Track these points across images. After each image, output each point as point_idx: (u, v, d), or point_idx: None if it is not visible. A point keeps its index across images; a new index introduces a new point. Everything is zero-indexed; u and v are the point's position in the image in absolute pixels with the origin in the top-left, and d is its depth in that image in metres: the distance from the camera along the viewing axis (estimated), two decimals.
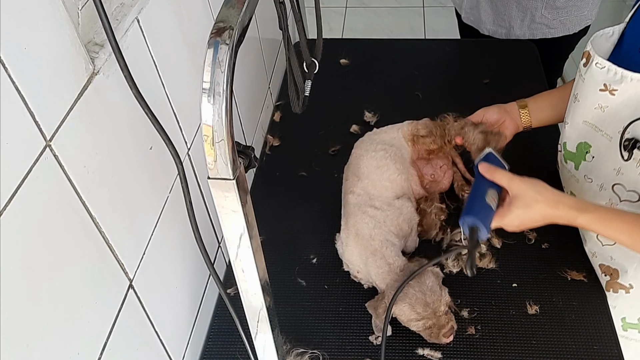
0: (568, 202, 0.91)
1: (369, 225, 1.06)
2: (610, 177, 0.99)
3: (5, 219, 0.56)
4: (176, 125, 0.96)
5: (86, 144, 0.70)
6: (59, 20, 0.64)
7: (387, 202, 1.10)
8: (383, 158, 1.13)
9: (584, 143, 1.03)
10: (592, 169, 1.03)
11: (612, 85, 0.93)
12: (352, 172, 1.15)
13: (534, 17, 1.64)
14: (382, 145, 1.16)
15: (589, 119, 1.00)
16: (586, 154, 1.03)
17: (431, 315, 0.96)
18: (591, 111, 0.99)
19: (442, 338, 0.97)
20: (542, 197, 0.91)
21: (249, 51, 1.37)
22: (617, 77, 0.92)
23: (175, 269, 0.97)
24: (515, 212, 0.91)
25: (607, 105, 0.95)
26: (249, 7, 0.57)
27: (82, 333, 0.70)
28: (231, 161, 0.58)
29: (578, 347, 0.99)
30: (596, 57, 0.95)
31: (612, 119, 0.95)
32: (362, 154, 1.16)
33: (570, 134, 1.06)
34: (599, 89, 0.95)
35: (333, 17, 3.58)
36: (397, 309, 0.97)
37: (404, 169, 1.15)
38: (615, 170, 0.97)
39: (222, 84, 0.54)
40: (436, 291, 0.97)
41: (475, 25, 1.77)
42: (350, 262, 1.09)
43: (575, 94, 1.02)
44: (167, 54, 0.91)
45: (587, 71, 0.97)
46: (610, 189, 1.00)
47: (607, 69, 0.93)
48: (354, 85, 1.57)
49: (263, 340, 0.79)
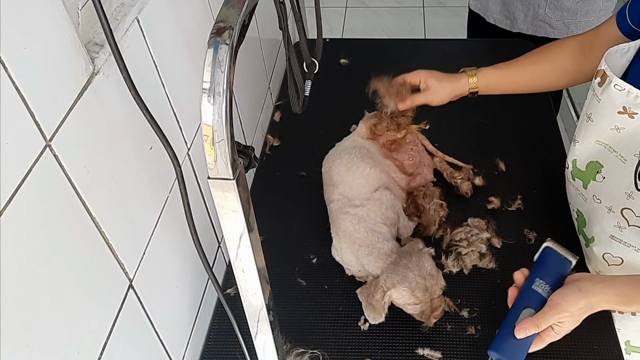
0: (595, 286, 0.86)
1: (352, 222, 1.08)
2: (621, 201, 0.96)
3: (5, 219, 0.56)
4: (176, 125, 0.96)
5: (86, 144, 0.70)
6: (59, 20, 0.64)
7: (365, 197, 1.11)
8: (349, 160, 1.16)
9: (595, 162, 1.00)
10: (601, 190, 1.00)
11: (632, 109, 0.90)
12: (327, 184, 1.18)
13: (537, 13, 1.64)
14: (346, 150, 1.19)
15: (602, 139, 0.97)
16: (597, 173, 1.00)
17: (428, 299, 0.97)
18: (606, 132, 0.95)
19: (432, 319, 0.99)
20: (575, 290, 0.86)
21: (249, 51, 1.37)
22: (639, 100, 0.88)
23: (175, 269, 0.97)
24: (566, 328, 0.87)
25: (624, 127, 0.92)
26: (248, 7, 0.57)
27: (82, 333, 0.70)
28: (231, 161, 0.58)
29: (578, 347, 0.99)
30: (615, 78, 0.91)
31: (629, 141, 0.92)
32: (330, 165, 1.19)
33: (580, 152, 1.03)
34: (617, 112, 0.91)
35: (333, 17, 3.57)
36: (396, 293, 0.97)
37: (375, 162, 1.16)
38: (627, 194, 0.95)
39: (222, 84, 0.54)
40: (434, 275, 0.98)
41: (482, 12, 1.78)
42: (349, 264, 1.10)
43: (589, 113, 0.98)
44: (167, 54, 0.91)
45: (603, 92, 0.93)
46: (619, 213, 0.97)
47: (628, 92, 0.89)
48: (354, 85, 1.57)
49: (263, 340, 0.79)
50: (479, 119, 1.42)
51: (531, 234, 1.15)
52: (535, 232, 1.15)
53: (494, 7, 1.73)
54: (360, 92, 1.57)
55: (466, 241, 1.13)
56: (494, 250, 1.13)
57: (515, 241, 1.14)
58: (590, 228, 1.06)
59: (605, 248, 1.03)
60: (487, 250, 1.12)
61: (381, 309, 0.98)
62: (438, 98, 1.15)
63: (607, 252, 1.03)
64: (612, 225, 1.00)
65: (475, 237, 1.13)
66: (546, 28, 1.66)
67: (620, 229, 0.99)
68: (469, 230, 1.14)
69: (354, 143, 1.22)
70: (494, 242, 1.14)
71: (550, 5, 1.62)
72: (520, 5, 1.66)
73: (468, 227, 1.15)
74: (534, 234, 1.15)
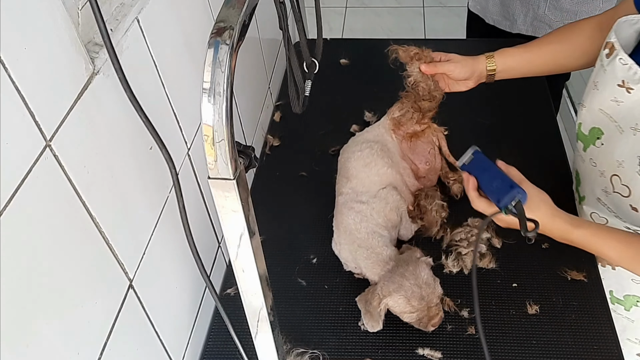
0: (564, 217, 0.95)
1: (355, 219, 1.07)
2: (612, 167, 1.01)
3: (5, 219, 0.56)
4: (176, 125, 0.96)
5: (86, 144, 0.70)
6: (59, 20, 0.64)
7: (372, 194, 1.10)
8: (370, 155, 1.14)
9: (597, 129, 1.04)
10: (598, 155, 1.05)
11: (629, 83, 0.93)
12: (341, 175, 1.17)
13: (537, 14, 1.64)
14: (367, 144, 1.17)
15: (604, 107, 1.00)
16: (597, 139, 1.04)
17: (425, 307, 0.97)
18: (607, 101, 0.99)
19: (430, 327, 0.99)
20: (544, 206, 0.94)
21: (249, 51, 1.37)
22: (636, 77, 0.91)
23: (175, 269, 0.97)
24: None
25: (623, 101, 0.95)
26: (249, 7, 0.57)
27: (82, 333, 0.70)
28: (231, 161, 0.58)
29: (578, 347, 0.99)
30: (621, 52, 0.93)
31: (626, 114, 0.96)
32: (349, 156, 1.17)
33: (585, 117, 1.06)
34: (617, 84, 0.95)
35: (333, 17, 3.57)
36: (392, 301, 0.97)
37: (393, 162, 1.15)
38: (619, 162, 0.99)
39: (222, 84, 0.54)
40: (430, 284, 0.98)
41: (481, 13, 1.78)
42: (346, 260, 1.10)
43: (596, 81, 1.02)
44: (167, 54, 0.91)
45: (609, 63, 0.96)
46: (609, 178, 1.02)
47: (629, 67, 0.92)
48: (354, 85, 1.57)
49: (263, 340, 0.79)
50: (479, 119, 1.42)
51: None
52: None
53: (493, 8, 1.73)
54: (360, 92, 1.57)
55: (466, 241, 1.13)
56: (494, 250, 1.13)
57: (515, 241, 1.14)
58: (583, 188, 1.14)
59: (592, 208, 1.12)
60: (487, 250, 1.12)
61: (378, 317, 0.98)
62: (458, 70, 1.14)
63: (594, 212, 1.12)
64: (600, 189, 1.06)
65: (475, 237, 1.13)
66: (546, 29, 1.66)
67: (606, 194, 1.05)
68: (469, 230, 1.14)
69: (377, 137, 1.19)
70: (494, 242, 1.14)
71: (549, 6, 1.62)
72: (519, 6, 1.66)
73: (468, 227, 1.15)
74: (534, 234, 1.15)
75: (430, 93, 1.13)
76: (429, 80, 1.13)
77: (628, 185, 0.98)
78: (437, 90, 1.14)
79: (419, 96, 1.13)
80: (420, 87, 1.13)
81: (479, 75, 1.17)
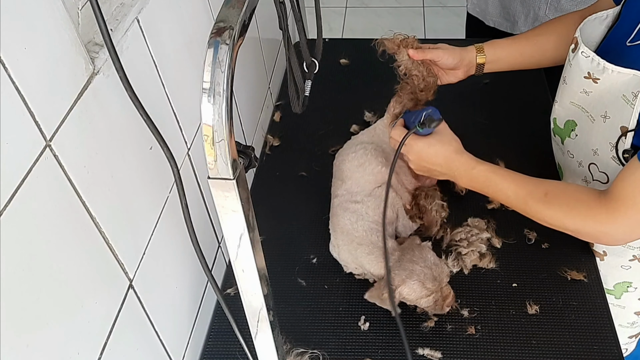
0: (470, 155, 1.01)
1: (351, 219, 1.07)
2: (588, 157, 1.04)
3: (5, 219, 0.56)
4: (176, 125, 0.96)
5: (86, 144, 0.70)
6: (59, 20, 0.64)
7: (367, 193, 1.11)
8: (364, 155, 1.14)
9: (571, 121, 1.07)
10: (574, 146, 1.08)
11: (595, 74, 0.96)
12: (336, 178, 1.17)
13: (537, 15, 1.64)
14: (361, 145, 1.17)
15: (575, 100, 1.04)
16: (571, 131, 1.08)
17: (438, 288, 0.98)
18: (577, 94, 1.02)
19: (445, 307, 1.00)
20: (455, 143, 1.02)
21: (249, 51, 1.37)
22: (600, 67, 0.95)
23: (175, 269, 0.97)
24: (429, 141, 1.00)
25: (592, 91, 0.99)
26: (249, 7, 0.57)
27: (82, 333, 0.70)
28: (231, 161, 0.58)
29: (578, 347, 0.99)
30: (582, 46, 0.98)
31: (597, 103, 0.99)
32: (343, 159, 1.17)
33: (559, 112, 1.10)
34: (584, 76, 0.99)
35: (333, 17, 3.57)
36: (407, 288, 0.97)
37: (387, 161, 1.15)
38: (594, 150, 1.02)
39: (222, 83, 0.54)
40: (438, 264, 0.99)
41: (481, 16, 1.77)
42: (346, 261, 1.10)
43: (564, 76, 1.06)
44: (167, 54, 0.91)
45: (574, 57, 1.00)
46: (587, 167, 1.05)
47: (592, 59, 0.96)
48: (354, 85, 1.57)
49: (263, 340, 0.79)
50: (479, 119, 1.42)
51: (531, 233, 1.15)
52: (535, 232, 1.15)
53: (493, 10, 1.73)
54: (360, 92, 1.57)
55: (466, 241, 1.13)
56: (494, 250, 1.13)
57: (515, 241, 1.14)
58: (566, 179, 1.18)
59: None
60: (487, 250, 1.12)
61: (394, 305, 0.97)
62: (446, 57, 1.14)
63: None
64: (580, 179, 1.10)
65: (475, 237, 1.13)
66: None
67: (587, 183, 1.08)
68: (469, 230, 1.14)
69: (372, 139, 1.20)
70: (494, 242, 1.14)
71: (550, 7, 1.62)
72: (520, 7, 1.66)
73: (468, 227, 1.15)
74: (533, 234, 1.15)
75: (424, 80, 1.12)
76: (421, 67, 1.12)
77: (605, 172, 1.01)
78: (431, 75, 1.14)
79: (415, 86, 1.13)
80: (413, 76, 1.12)
81: (467, 65, 1.17)
